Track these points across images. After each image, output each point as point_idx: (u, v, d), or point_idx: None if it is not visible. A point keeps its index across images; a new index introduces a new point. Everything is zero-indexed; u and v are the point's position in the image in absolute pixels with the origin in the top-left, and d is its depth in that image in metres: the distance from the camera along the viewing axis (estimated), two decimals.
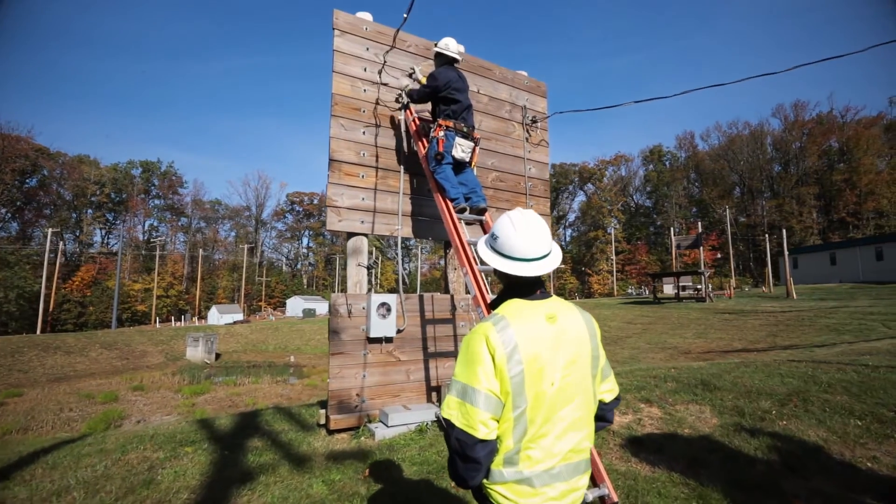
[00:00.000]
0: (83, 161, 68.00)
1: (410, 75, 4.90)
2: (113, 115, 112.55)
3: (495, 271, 1.56)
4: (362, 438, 4.12)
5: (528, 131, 5.89)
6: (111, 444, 4.29)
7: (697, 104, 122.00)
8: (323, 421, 4.37)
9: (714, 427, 4.63)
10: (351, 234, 4.61)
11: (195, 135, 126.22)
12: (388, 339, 4.55)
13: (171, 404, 16.70)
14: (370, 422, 4.34)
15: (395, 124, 4.96)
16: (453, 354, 4.97)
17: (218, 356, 29.87)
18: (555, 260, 1.56)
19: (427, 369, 4.78)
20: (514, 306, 1.46)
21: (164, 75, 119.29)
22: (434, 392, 4.77)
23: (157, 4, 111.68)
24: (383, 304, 4.43)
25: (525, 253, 1.49)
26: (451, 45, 4.45)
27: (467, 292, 5.09)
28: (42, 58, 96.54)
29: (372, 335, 4.38)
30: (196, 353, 28.90)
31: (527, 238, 1.49)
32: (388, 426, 4.16)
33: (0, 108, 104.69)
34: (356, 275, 4.56)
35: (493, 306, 1.60)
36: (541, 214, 6.00)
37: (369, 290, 4.61)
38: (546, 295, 1.53)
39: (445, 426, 1.38)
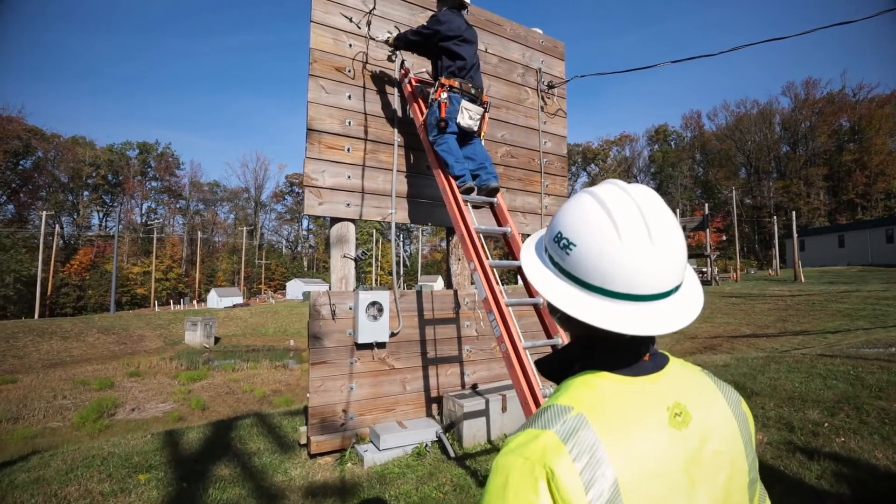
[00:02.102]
0: (78, 142, 66.70)
1: (387, 41, 3.93)
2: (108, 94, 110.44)
3: (563, 317, 0.76)
4: (348, 465, 3.44)
5: (543, 99, 5.07)
6: (55, 469, 3.62)
7: (705, 82, 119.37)
8: (304, 441, 3.70)
9: (763, 446, 3.97)
10: (335, 220, 3.85)
11: (192, 115, 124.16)
12: (381, 345, 3.84)
13: (166, 391, 16.26)
14: (359, 442, 3.66)
15: (385, 84, 4.16)
16: (457, 360, 4.26)
17: (217, 340, 29.48)
18: (694, 298, 0.76)
19: (426, 377, 4.08)
20: (602, 391, 0.70)
21: (161, 54, 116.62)
22: (434, 404, 4.09)
23: None
24: (374, 304, 3.70)
25: (641, 284, 0.69)
26: None
27: (473, 283, 4.36)
28: (33, 36, 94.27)
29: (361, 340, 3.67)
30: (195, 337, 28.49)
31: (648, 252, 0.68)
32: (379, 449, 3.48)
33: None
34: (341, 268, 3.82)
35: (552, 373, 0.83)
36: (557, 197, 5.22)
37: (357, 286, 3.87)
38: (661, 360, 0.76)
39: None
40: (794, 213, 34.40)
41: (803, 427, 4.26)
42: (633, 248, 0.67)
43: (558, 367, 0.81)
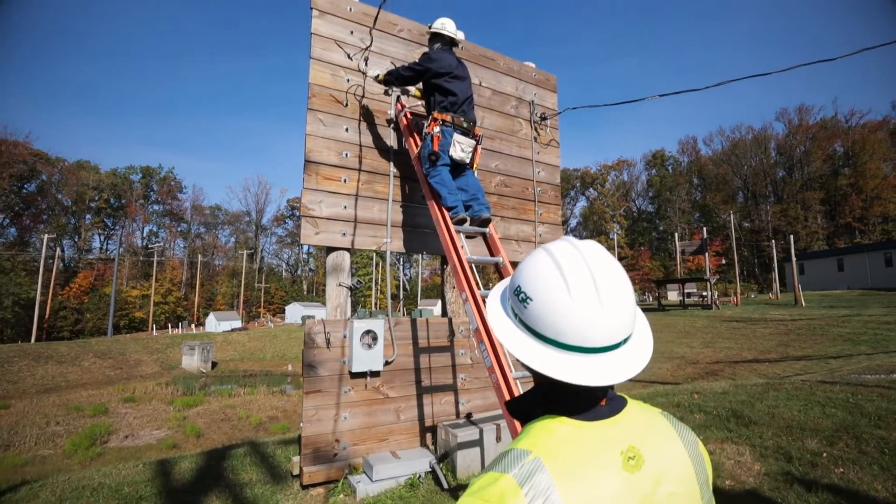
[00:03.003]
0: (82, 166, 67.54)
1: (377, 78, 4.04)
2: (113, 118, 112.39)
3: (523, 365, 0.80)
4: (340, 496, 3.41)
5: (536, 129, 5.21)
6: (43, 500, 3.59)
7: (700, 108, 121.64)
8: (297, 471, 3.67)
9: (759, 476, 3.93)
10: (330, 249, 3.92)
11: (195, 139, 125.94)
12: (375, 373, 3.85)
13: (161, 417, 16.06)
14: (352, 473, 3.63)
15: (381, 117, 4.29)
16: (451, 388, 4.26)
17: (214, 365, 29.22)
18: (643, 348, 0.81)
19: (421, 406, 4.08)
20: (559, 436, 0.74)
21: (165, 78, 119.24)
22: (429, 433, 4.06)
23: (154, 7, 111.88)
24: (368, 332, 3.73)
25: (589, 338, 0.74)
26: (447, 25, 3.75)
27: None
28: (40, 62, 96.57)
29: (355, 369, 3.68)
30: (192, 361, 28.25)
31: (595, 308, 0.73)
32: (372, 480, 3.45)
33: None
34: (336, 297, 3.86)
35: (518, 414, 0.87)
36: (551, 225, 5.31)
37: (352, 315, 3.90)
38: (617, 404, 0.81)
39: None
40: (791, 236, 34.53)
41: (801, 457, 4.23)
42: (583, 305, 0.73)
43: (524, 410, 0.85)
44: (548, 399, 0.81)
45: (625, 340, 0.77)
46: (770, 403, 5.84)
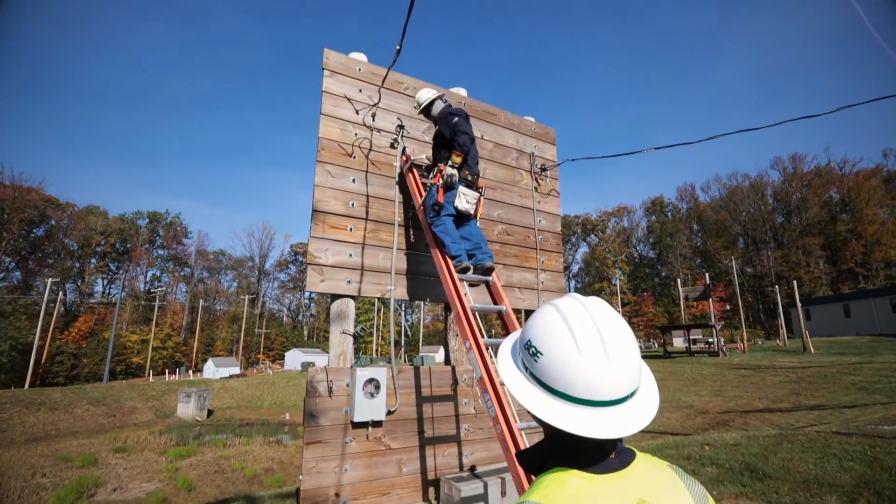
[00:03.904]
0: (91, 211, 68.83)
1: (400, 127, 4.41)
2: (126, 165, 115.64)
3: (533, 417, 0.84)
4: None
5: (536, 180, 5.38)
6: None
7: (696, 156, 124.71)
8: None
9: None
10: (335, 297, 3.96)
11: (203, 185, 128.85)
12: (377, 423, 3.78)
13: (153, 469, 15.49)
14: None
15: (386, 168, 4.45)
16: (455, 439, 4.16)
17: (210, 413, 28.45)
18: (649, 402, 0.84)
19: (423, 458, 3.97)
20: (570, 489, 0.76)
21: (176, 127, 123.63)
22: (431, 487, 3.93)
23: (167, 62, 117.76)
24: (371, 381, 3.70)
25: (597, 391, 0.78)
26: (422, 94, 4.12)
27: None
28: (58, 112, 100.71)
29: (357, 419, 3.62)
30: (187, 409, 27.54)
31: (602, 363, 0.78)
32: None
33: (13, 160, 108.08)
34: (340, 344, 3.87)
35: (528, 466, 0.90)
36: (553, 272, 5.37)
37: (355, 363, 3.89)
38: (626, 457, 0.83)
39: None
40: (795, 282, 34.44)
41: None
42: (591, 361, 0.78)
43: (534, 461, 0.88)
44: (558, 451, 0.83)
45: (632, 394, 0.81)
46: (784, 456, 5.66)
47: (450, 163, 3.69)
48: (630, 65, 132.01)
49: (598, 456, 0.81)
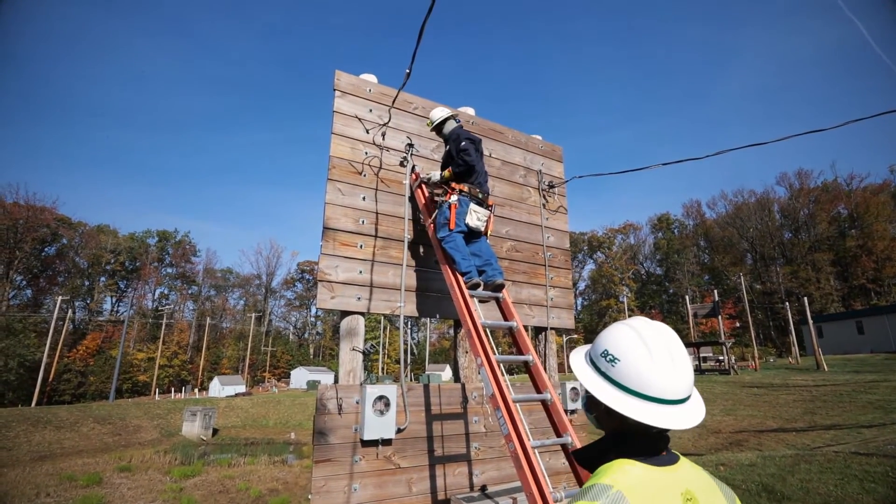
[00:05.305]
0: (102, 230, 69.78)
1: (410, 145, 4.50)
2: (137, 185, 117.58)
3: (605, 411, 1.03)
4: None
5: (544, 197, 5.41)
6: None
7: (702, 172, 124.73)
8: None
9: None
10: (345, 313, 3.97)
11: (212, 203, 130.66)
12: (386, 441, 3.74)
13: (157, 489, 15.34)
14: None
15: (396, 186, 4.51)
16: (465, 458, 4.11)
17: (215, 432, 28.26)
18: (700, 404, 1.03)
19: (433, 478, 3.92)
20: (634, 475, 0.92)
21: (188, 147, 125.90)
22: None
23: (182, 81, 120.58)
24: (381, 398, 3.68)
25: (667, 392, 0.97)
26: (435, 112, 4.27)
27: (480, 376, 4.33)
28: (70, 131, 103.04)
29: (366, 437, 3.59)
30: (192, 428, 27.37)
31: (671, 370, 0.98)
32: None
33: (28, 179, 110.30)
34: (350, 361, 3.86)
35: (585, 461, 1.07)
36: (562, 289, 5.36)
37: (364, 380, 3.88)
38: (673, 456, 1.00)
39: None
40: (806, 298, 33.98)
41: None
42: (662, 366, 0.97)
43: (595, 456, 1.04)
44: (620, 445, 1.00)
45: (689, 397, 1.00)
46: (802, 477, 5.52)
47: (442, 173, 3.88)
48: (635, 82, 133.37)
49: (654, 451, 0.98)
